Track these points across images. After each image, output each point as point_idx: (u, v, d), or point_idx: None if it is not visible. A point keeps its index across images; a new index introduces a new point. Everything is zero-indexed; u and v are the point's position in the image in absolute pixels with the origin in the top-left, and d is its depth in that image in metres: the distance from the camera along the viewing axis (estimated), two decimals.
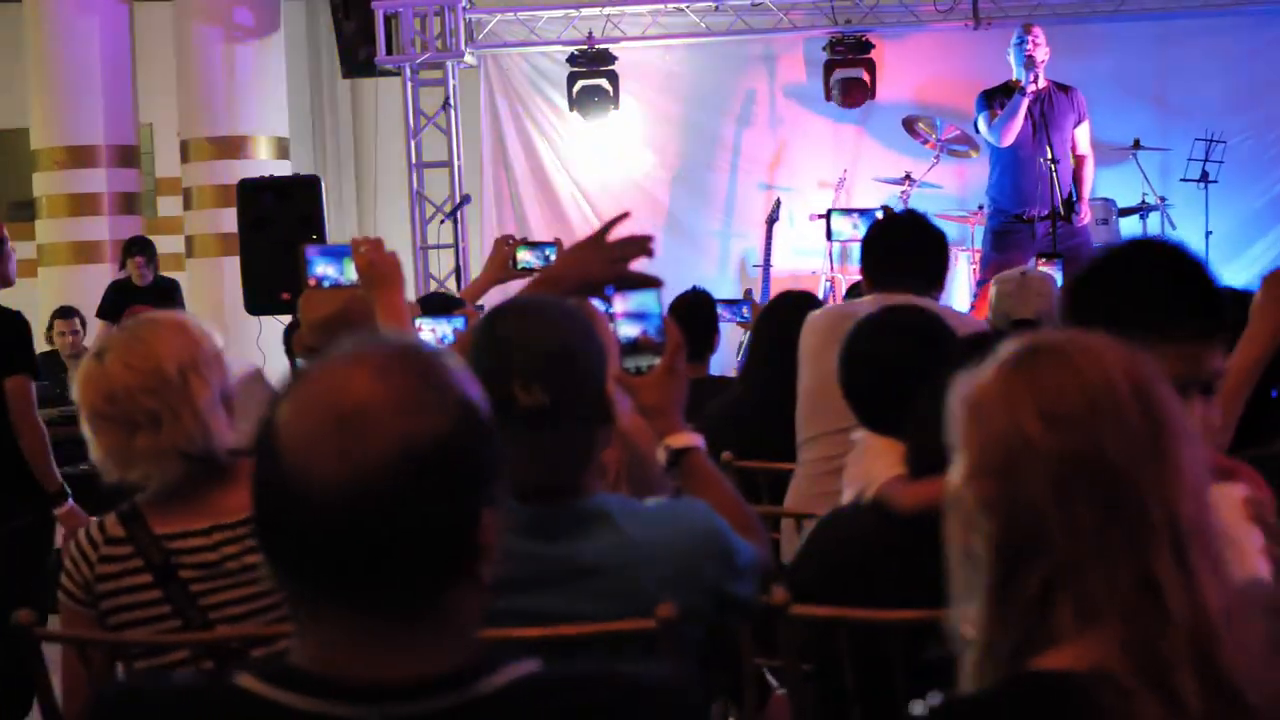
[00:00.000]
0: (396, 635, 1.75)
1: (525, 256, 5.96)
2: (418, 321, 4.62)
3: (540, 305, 3.03)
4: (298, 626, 1.80)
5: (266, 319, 11.75)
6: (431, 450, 1.72)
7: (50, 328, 12.06)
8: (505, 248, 6.03)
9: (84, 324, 11.99)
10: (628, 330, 3.30)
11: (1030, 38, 10.50)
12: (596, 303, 3.56)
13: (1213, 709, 1.81)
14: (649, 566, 2.88)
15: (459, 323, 5.04)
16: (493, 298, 5.96)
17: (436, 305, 5.27)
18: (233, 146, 13.72)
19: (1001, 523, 1.88)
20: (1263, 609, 1.91)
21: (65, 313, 12.09)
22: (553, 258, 5.86)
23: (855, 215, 6.23)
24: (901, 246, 5.15)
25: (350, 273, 4.43)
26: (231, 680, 1.78)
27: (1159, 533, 1.84)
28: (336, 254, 4.50)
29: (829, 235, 6.36)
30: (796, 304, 5.87)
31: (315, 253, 4.55)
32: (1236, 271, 12.75)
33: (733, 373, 10.53)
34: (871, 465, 3.52)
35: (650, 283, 3.32)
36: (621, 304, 3.31)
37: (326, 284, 4.52)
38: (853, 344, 3.97)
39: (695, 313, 6.70)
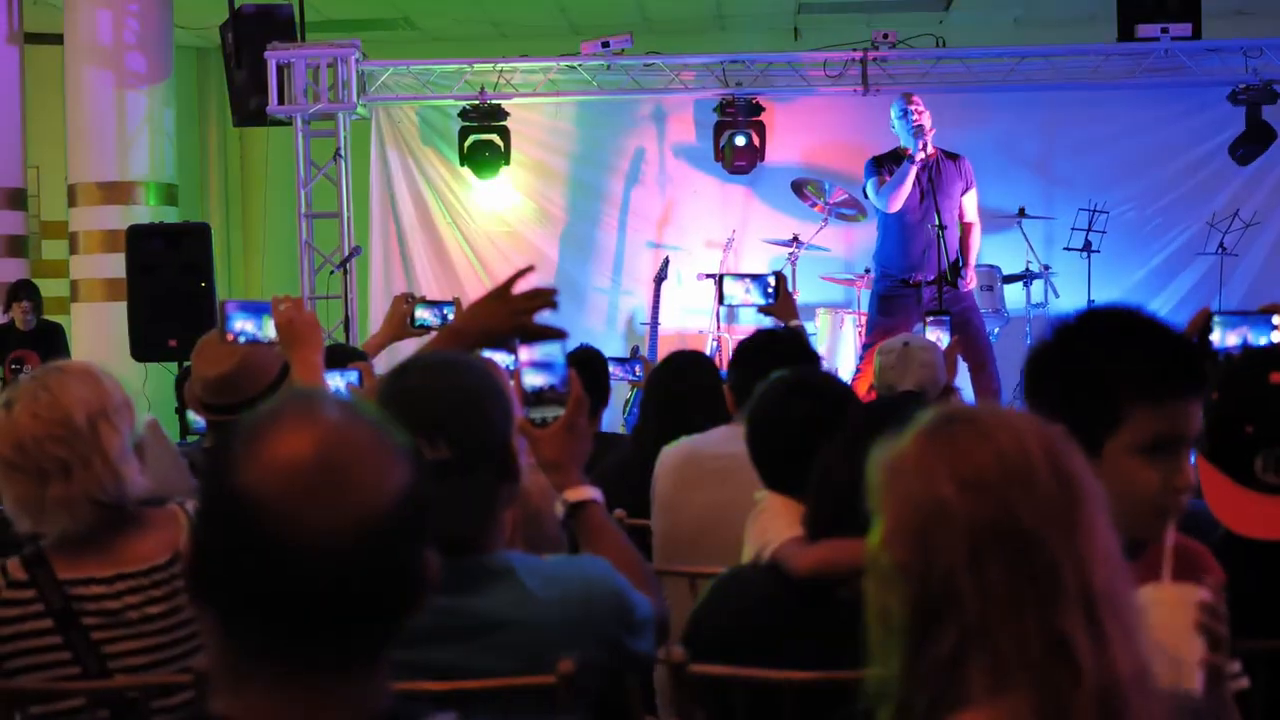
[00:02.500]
0: (331, 687, 1.76)
1: (423, 315, 5.95)
2: None
3: (446, 360, 3.04)
4: (228, 678, 1.78)
5: (153, 365, 11.68)
6: (407, 498, 1.76)
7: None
8: (404, 306, 6.03)
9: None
10: (533, 380, 3.32)
11: (913, 107, 10.63)
12: (502, 356, 3.59)
13: None
14: (550, 622, 2.90)
15: (352, 376, 5.03)
16: (383, 358, 5.95)
17: (330, 358, 5.24)
18: (121, 192, 13.59)
19: (916, 585, 1.92)
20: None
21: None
22: (450, 316, 5.86)
23: (747, 280, 6.24)
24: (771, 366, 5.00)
25: (269, 330, 4.43)
26: None
27: (1070, 597, 1.88)
28: (256, 310, 4.50)
29: (720, 299, 6.35)
30: (688, 362, 5.91)
31: (235, 307, 4.54)
32: None
33: (620, 429, 10.58)
34: (769, 525, 3.55)
35: (555, 334, 3.36)
36: (527, 354, 3.33)
37: (244, 339, 4.51)
38: (762, 404, 4.01)
39: (586, 369, 6.68)
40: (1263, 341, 3.63)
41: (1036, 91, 13.24)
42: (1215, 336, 3.61)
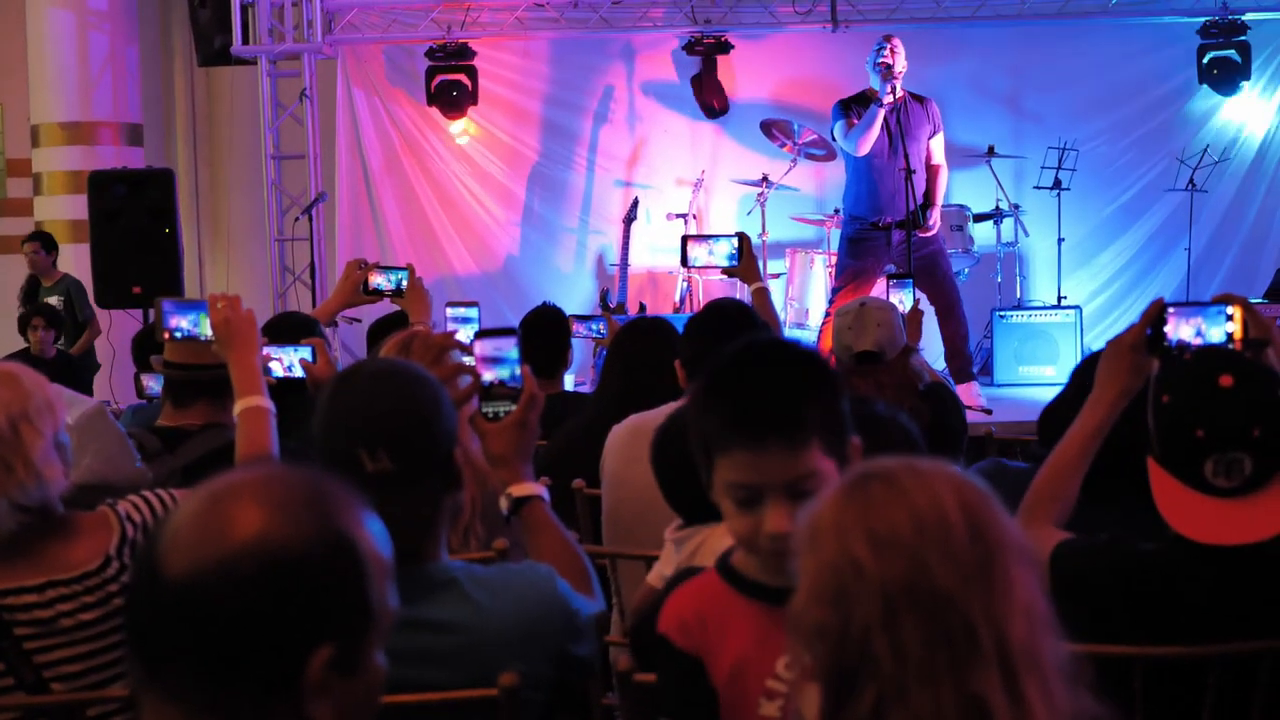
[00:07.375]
0: None
1: (377, 280, 5.91)
2: (264, 350, 4.56)
3: (389, 370, 3.03)
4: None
5: (117, 312, 11.63)
6: (279, 560, 1.72)
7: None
8: (357, 272, 5.97)
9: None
10: (487, 374, 3.32)
11: (889, 47, 10.55)
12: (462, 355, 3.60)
13: None
14: (496, 634, 2.89)
15: (305, 352, 5.00)
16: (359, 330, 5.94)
17: (284, 331, 5.17)
18: (84, 132, 13.51)
19: (834, 645, 1.90)
20: None
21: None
22: (404, 283, 5.82)
23: (710, 241, 6.20)
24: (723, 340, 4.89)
25: (205, 328, 4.43)
26: None
27: (987, 655, 1.87)
28: (193, 308, 4.51)
29: (684, 262, 6.31)
30: (649, 329, 5.87)
31: (171, 306, 4.58)
32: (1087, 278, 12.97)
33: (591, 371, 10.56)
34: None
35: (507, 331, 3.36)
36: (480, 349, 3.33)
37: (179, 336, 4.51)
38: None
39: (546, 329, 6.69)
40: (1217, 334, 3.58)
41: (1005, 27, 13.22)
42: (1169, 328, 3.56)
